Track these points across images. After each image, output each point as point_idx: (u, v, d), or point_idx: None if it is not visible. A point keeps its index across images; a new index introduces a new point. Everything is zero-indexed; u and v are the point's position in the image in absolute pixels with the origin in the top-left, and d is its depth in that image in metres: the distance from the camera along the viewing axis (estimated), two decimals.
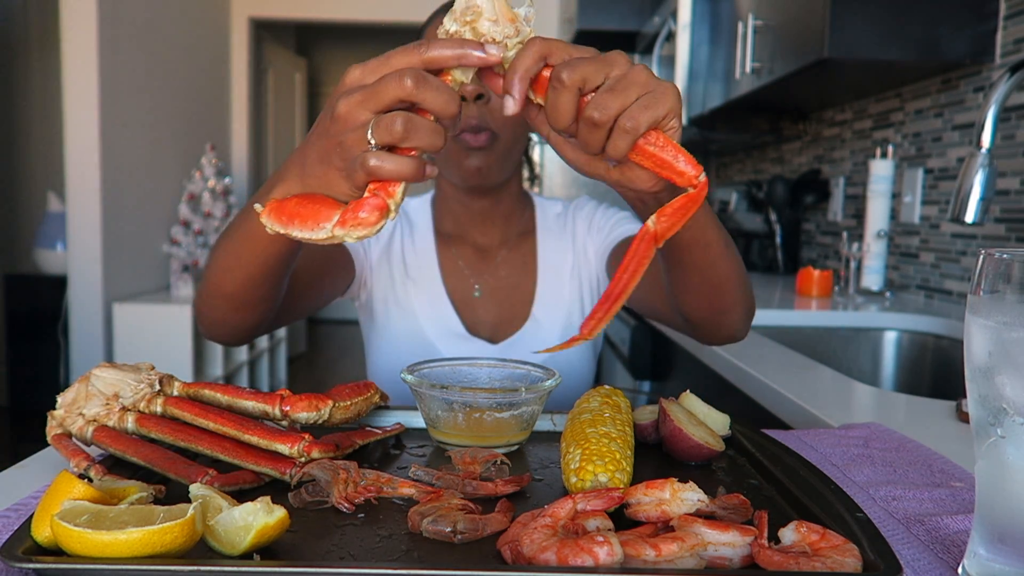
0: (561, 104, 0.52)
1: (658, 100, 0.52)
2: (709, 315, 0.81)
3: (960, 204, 1.13)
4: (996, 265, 0.44)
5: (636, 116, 0.51)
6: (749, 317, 0.86)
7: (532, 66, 0.52)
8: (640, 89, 0.52)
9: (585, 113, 0.52)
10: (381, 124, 0.51)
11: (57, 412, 0.63)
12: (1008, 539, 0.44)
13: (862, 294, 1.96)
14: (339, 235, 0.51)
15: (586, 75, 0.51)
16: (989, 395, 0.44)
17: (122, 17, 3.45)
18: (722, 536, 0.45)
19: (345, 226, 0.51)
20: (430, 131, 0.51)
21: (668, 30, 2.85)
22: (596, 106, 0.51)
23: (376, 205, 0.51)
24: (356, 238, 0.51)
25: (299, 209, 0.53)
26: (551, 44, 0.53)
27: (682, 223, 0.52)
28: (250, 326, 0.83)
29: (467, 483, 0.57)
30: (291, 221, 0.53)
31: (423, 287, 1.12)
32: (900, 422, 0.87)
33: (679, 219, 0.52)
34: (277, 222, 0.54)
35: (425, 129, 0.51)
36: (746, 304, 0.83)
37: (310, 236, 0.52)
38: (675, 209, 0.52)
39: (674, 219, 0.52)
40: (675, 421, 0.65)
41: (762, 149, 3.12)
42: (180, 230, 3.74)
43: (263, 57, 5.12)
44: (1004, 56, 1.65)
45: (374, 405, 0.72)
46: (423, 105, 0.51)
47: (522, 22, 0.53)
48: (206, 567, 0.41)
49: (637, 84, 0.52)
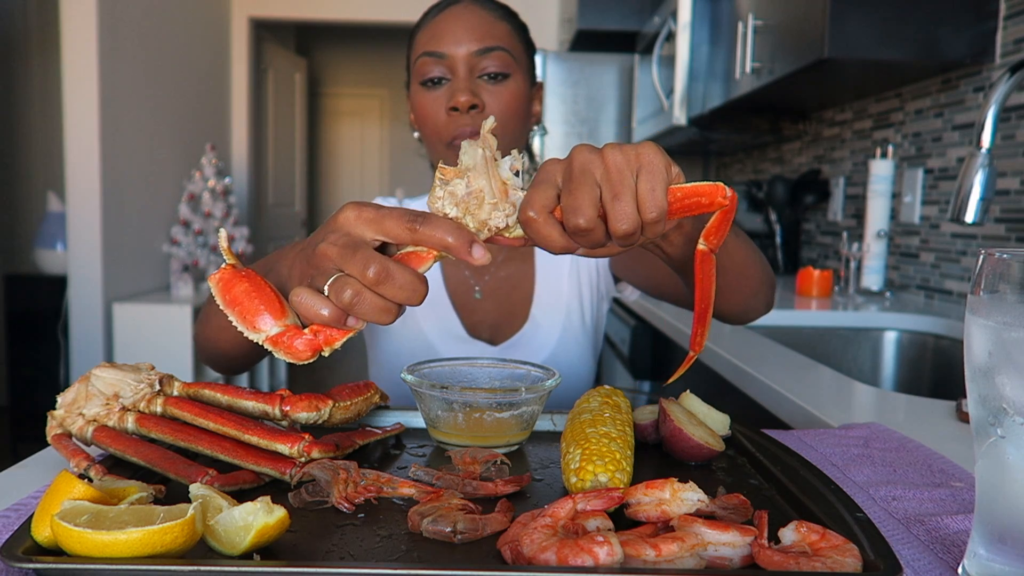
0: (595, 240, 0.53)
1: (653, 170, 0.52)
2: (738, 310, 0.87)
3: (960, 204, 1.13)
4: (996, 265, 0.44)
5: (654, 204, 0.52)
6: (771, 299, 0.91)
7: (557, 236, 0.52)
8: (631, 172, 0.52)
9: (616, 232, 0.52)
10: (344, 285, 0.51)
11: (57, 412, 0.63)
12: (1008, 539, 0.44)
13: (862, 294, 1.96)
14: (266, 347, 0.52)
15: (588, 202, 0.51)
16: (989, 395, 0.44)
17: (122, 17, 3.45)
18: (722, 536, 0.45)
19: (276, 346, 0.52)
20: (379, 309, 0.51)
21: (668, 30, 2.85)
22: (618, 221, 0.52)
23: (312, 344, 0.52)
24: (280, 357, 0.52)
25: (244, 299, 0.53)
26: (539, 197, 0.52)
27: (725, 235, 0.56)
28: (248, 367, 0.90)
29: (467, 483, 0.57)
30: (232, 305, 0.53)
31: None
32: (900, 422, 0.87)
33: (722, 233, 0.56)
34: (220, 296, 0.53)
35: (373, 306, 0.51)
36: (768, 292, 0.88)
37: (241, 329, 0.52)
38: (716, 226, 0.56)
39: (719, 234, 0.56)
40: (675, 421, 0.65)
41: (762, 149, 3.12)
42: (180, 230, 3.74)
43: (263, 57, 5.12)
44: (1004, 56, 1.64)
45: (374, 405, 0.72)
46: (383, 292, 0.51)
47: (514, 188, 0.53)
48: (206, 567, 0.41)
49: (625, 170, 0.52)
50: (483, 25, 1.01)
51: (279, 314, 0.52)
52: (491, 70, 1.01)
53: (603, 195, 0.52)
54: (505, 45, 1.02)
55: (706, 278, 0.58)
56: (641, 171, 0.52)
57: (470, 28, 1.00)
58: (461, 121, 1.00)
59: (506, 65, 1.01)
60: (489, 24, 1.02)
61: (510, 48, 1.02)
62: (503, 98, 1.01)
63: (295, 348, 0.51)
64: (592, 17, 3.57)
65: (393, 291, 0.50)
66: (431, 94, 1.02)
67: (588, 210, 0.51)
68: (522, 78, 1.04)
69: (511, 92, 1.02)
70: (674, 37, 2.78)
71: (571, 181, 0.52)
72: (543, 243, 0.53)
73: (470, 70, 1.00)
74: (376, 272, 0.49)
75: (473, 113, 1.00)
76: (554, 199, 0.52)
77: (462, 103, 0.98)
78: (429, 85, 1.02)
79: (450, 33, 1.00)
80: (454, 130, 1.00)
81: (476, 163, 0.53)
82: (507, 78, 1.02)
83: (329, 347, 0.52)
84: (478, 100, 0.99)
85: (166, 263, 3.90)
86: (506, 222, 0.53)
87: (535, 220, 0.52)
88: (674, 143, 3.24)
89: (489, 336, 1.11)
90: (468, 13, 1.01)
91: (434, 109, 1.02)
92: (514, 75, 1.03)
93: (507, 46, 1.02)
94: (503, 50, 1.01)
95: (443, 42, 1.00)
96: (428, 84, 1.02)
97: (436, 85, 1.02)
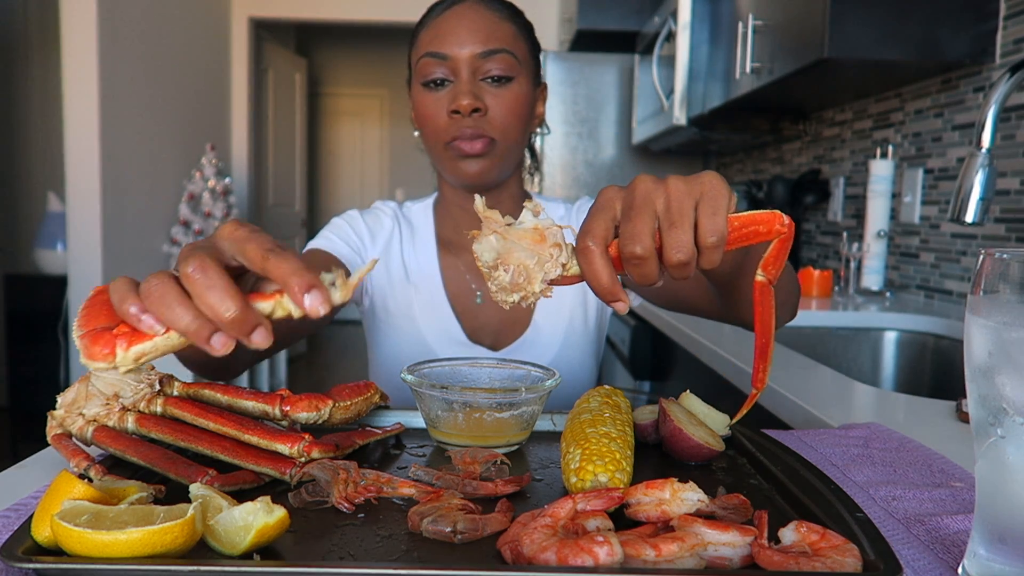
0: (649, 273, 0.51)
1: (715, 196, 0.51)
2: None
3: (960, 204, 1.13)
4: (996, 265, 0.44)
5: (713, 229, 0.51)
6: (796, 308, 0.92)
7: (608, 271, 0.51)
8: (691, 201, 0.51)
9: (669, 261, 0.51)
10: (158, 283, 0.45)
11: (57, 412, 0.63)
12: (1008, 539, 0.44)
13: (862, 294, 1.96)
14: (82, 357, 0.46)
15: (647, 231, 0.50)
16: (989, 395, 0.44)
17: (122, 17, 3.45)
18: (722, 536, 0.45)
19: (81, 348, 0.46)
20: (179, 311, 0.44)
21: (668, 30, 2.85)
22: (673, 249, 0.50)
23: (108, 347, 0.45)
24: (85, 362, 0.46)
25: (91, 305, 0.48)
26: (598, 226, 0.51)
27: (783, 264, 0.56)
28: (236, 373, 0.87)
29: (467, 483, 0.57)
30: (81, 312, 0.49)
31: (424, 293, 1.10)
32: (900, 422, 0.87)
33: (780, 263, 0.56)
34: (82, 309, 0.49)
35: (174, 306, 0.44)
36: (795, 301, 0.89)
37: (73, 332, 0.48)
38: (774, 256, 0.56)
39: (777, 264, 0.56)
40: (675, 421, 0.65)
41: (762, 149, 3.12)
42: (180, 230, 3.74)
43: (263, 57, 5.12)
44: (1004, 56, 1.65)
45: (374, 405, 0.72)
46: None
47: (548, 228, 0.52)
48: (206, 567, 0.41)
49: (686, 200, 0.51)
50: (487, 26, 0.99)
51: (108, 319, 0.47)
52: (495, 73, 0.99)
53: (661, 224, 0.51)
54: (509, 47, 1.00)
55: (766, 311, 0.57)
56: (703, 198, 0.52)
57: (474, 29, 0.99)
58: (463, 123, 0.98)
59: (510, 68, 1.00)
60: (493, 25, 1.00)
61: (514, 50, 1.01)
62: (506, 101, 1.00)
63: (91, 350, 0.45)
64: (592, 17, 3.58)
65: (197, 297, 0.43)
66: (433, 95, 1.00)
67: (645, 239, 0.50)
68: (526, 80, 1.03)
69: (514, 95, 1.01)
70: (674, 37, 2.78)
71: (631, 209, 0.51)
72: (593, 275, 0.51)
73: (473, 72, 0.99)
74: (194, 269, 0.44)
75: (476, 116, 0.98)
76: (612, 228, 0.52)
77: (464, 106, 0.97)
78: (431, 86, 1.00)
79: (453, 34, 0.99)
80: (455, 132, 0.99)
81: (498, 250, 0.51)
82: (511, 81, 1.00)
83: (123, 353, 0.45)
84: (481, 103, 0.98)
85: (166, 263, 3.90)
86: (560, 266, 0.52)
87: (592, 251, 0.50)
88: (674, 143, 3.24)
89: (491, 342, 1.10)
90: (472, 13, 1.00)
91: (435, 110, 1.00)
92: (518, 78, 1.01)
93: (511, 48, 1.00)
94: (507, 52, 1.00)
95: (446, 43, 0.99)
96: (430, 85, 1.00)
97: (438, 87, 1.00)
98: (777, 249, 0.55)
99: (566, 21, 4.07)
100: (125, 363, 0.45)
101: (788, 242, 0.55)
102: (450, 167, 1.02)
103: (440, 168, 1.06)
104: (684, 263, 0.51)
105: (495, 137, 1.00)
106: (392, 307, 1.11)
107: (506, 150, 1.02)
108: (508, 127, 1.01)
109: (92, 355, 0.45)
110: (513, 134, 1.02)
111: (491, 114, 0.99)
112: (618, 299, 0.52)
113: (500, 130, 1.00)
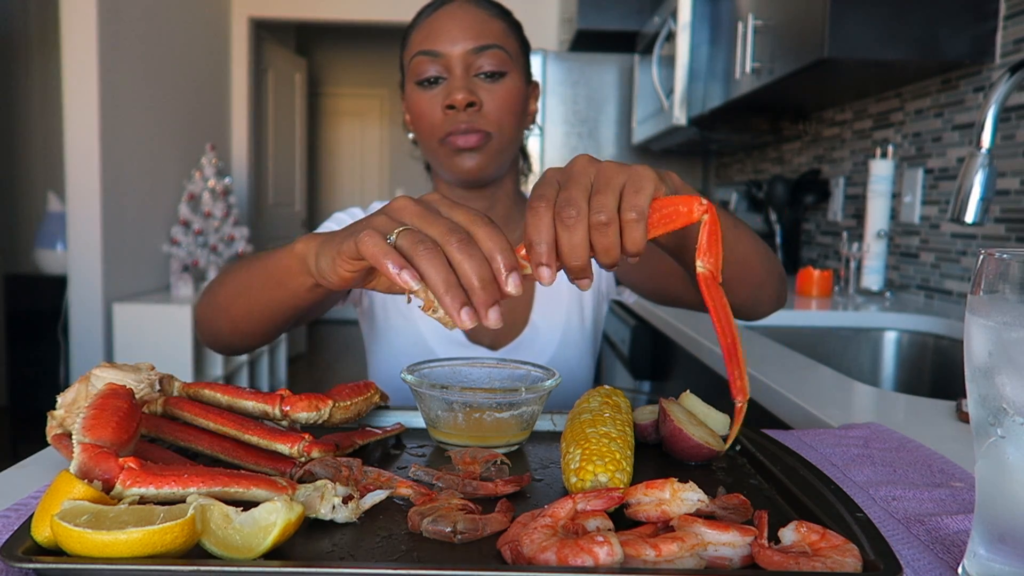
0: (580, 242, 0.55)
1: (641, 181, 0.56)
2: (745, 304, 0.87)
3: (960, 204, 1.13)
4: (996, 265, 0.44)
5: (634, 204, 0.55)
6: (782, 292, 0.91)
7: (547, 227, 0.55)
8: (619, 179, 0.56)
9: (592, 223, 0.54)
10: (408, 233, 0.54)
11: (57, 412, 0.63)
12: (1008, 539, 0.44)
13: (862, 294, 1.96)
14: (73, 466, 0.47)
15: (580, 196, 0.55)
16: (989, 395, 0.44)
17: (122, 17, 3.45)
18: (722, 536, 0.45)
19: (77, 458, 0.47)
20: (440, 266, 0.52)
21: (668, 30, 2.85)
22: (596, 211, 0.54)
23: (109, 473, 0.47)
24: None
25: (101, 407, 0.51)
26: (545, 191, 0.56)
27: (721, 248, 0.56)
28: (250, 347, 0.88)
29: (467, 483, 0.57)
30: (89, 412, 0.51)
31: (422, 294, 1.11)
32: (900, 422, 0.87)
33: (716, 247, 0.55)
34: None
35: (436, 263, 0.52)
36: (777, 284, 0.89)
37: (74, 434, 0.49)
38: (708, 243, 0.55)
39: (713, 251, 0.55)
40: (675, 421, 0.65)
41: (762, 149, 3.12)
42: (180, 230, 3.74)
43: (263, 57, 5.13)
44: (1004, 56, 1.65)
45: (374, 405, 0.72)
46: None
47: None
48: (206, 567, 0.41)
49: (617, 176, 0.56)
50: (478, 23, 1.00)
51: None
52: (487, 68, 1.00)
53: (591, 193, 0.56)
54: (501, 43, 1.01)
55: (719, 305, 0.55)
56: (630, 179, 0.56)
57: (465, 27, 0.99)
58: (458, 119, 0.98)
59: (502, 63, 1.00)
60: (484, 22, 1.01)
61: (506, 46, 1.01)
62: (500, 96, 1.00)
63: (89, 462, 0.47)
64: (592, 17, 3.57)
65: (472, 262, 0.52)
66: (427, 93, 1.01)
67: (580, 203, 0.54)
68: (518, 76, 1.03)
69: (508, 90, 1.01)
70: (674, 37, 2.78)
71: (568, 180, 0.57)
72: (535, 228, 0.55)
73: (466, 68, 0.99)
74: (460, 237, 0.52)
75: (470, 111, 0.98)
76: (555, 195, 0.56)
77: (459, 101, 0.97)
78: (425, 85, 1.01)
79: (445, 32, 0.99)
80: (450, 127, 0.99)
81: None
82: (504, 76, 1.01)
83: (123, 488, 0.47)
84: (475, 98, 0.98)
85: (166, 263, 3.90)
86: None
87: (538, 207, 0.55)
88: (674, 143, 3.24)
89: (489, 342, 1.10)
90: (463, 12, 1.00)
91: (430, 108, 1.00)
92: (511, 73, 1.02)
93: (503, 44, 1.01)
94: (499, 48, 1.00)
95: (438, 41, 0.99)
96: (424, 84, 1.01)
97: (432, 84, 1.00)
98: (708, 234, 0.55)
99: (566, 21, 4.07)
100: (116, 496, 0.47)
101: (715, 225, 0.55)
102: (446, 163, 1.03)
103: (436, 166, 1.07)
104: (604, 223, 0.54)
105: (490, 131, 1.00)
106: (391, 308, 1.12)
107: (501, 145, 1.02)
108: (503, 121, 1.01)
109: (87, 474, 0.47)
110: (508, 129, 1.02)
111: (485, 109, 0.99)
112: (541, 263, 0.55)
113: (495, 124, 1.00)
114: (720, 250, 0.55)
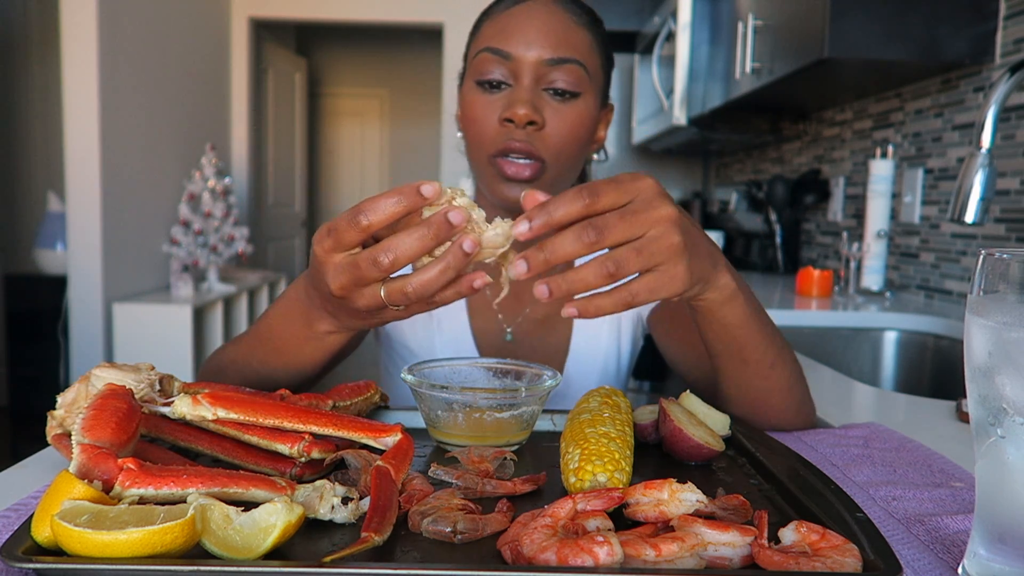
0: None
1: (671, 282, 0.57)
2: (749, 415, 0.78)
3: (960, 204, 1.13)
4: (996, 265, 0.44)
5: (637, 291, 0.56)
6: (801, 418, 0.79)
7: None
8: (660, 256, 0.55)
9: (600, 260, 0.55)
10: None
11: (57, 412, 0.63)
12: (1008, 539, 0.44)
13: (862, 294, 1.96)
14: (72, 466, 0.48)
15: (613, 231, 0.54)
16: (989, 395, 0.44)
17: (122, 17, 3.45)
18: (722, 536, 0.45)
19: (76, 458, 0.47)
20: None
21: (668, 30, 2.85)
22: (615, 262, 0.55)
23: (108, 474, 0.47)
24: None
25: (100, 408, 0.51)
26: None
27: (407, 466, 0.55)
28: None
29: (487, 483, 0.57)
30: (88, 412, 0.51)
31: (448, 331, 0.99)
32: (900, 422, 0.87)
33: (402, 462, 0.55)
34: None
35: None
36: (796, 411, 0.78)
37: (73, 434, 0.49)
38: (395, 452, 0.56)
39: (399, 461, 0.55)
40: (675, 421, 0.65)
41: (762, 149, 3.12)
42: (180, 230, 3.74)
43: (263, 57, 5.13)
44: (1004, 56, 1.65)
45: (374, 405, 0.72)
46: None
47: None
48: (206, 567, 0.41)
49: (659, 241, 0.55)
50: (561, 30, 0.87)
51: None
52: (559, 85, 0.87)
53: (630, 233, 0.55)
54: (581, 58, 0.88)
55: (382, 494, 0.50)
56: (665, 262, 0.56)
57: (545, 31, 0.86)
58: (514, 135, 0.86)
59: (578, 82, 0.88)
60: (568, 30, 0.88)
61: (586, 62, 0.89)
62: (567, 119, 0.88)
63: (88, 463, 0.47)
64: None
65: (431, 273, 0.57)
66: (485, 97, 0.89)
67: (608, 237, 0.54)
68: (593, 98, 0.91)
69: (577, 113, 0.88)
70: (674, 37, 2.78)
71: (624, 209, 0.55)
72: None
73: (536, 80, 0.87)
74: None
75: (530, 129, 0.86)
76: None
77: (520, 116, 0.85)
78: (486, 87, 0.89)
79: (520, 32, 0.87)
80: (503, 144, 0.87)
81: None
82: (576, 97, 0.88)
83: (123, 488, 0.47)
84: (538, 116, 0.86)
85: (166, 263, 3.90)
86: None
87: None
88: (674, 143, 3.24)
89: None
90: (546, 13, 0.87)
91: (486, 114, 0.88)
92: (585, 94, 0.89)
93: (584, 59, 0.88)
94: (578, 64, 0.87)
95: (511, 40, 0.87)
96: (485, 86, 0.89)
97: (494, 88, 0.88)
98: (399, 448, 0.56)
99: None
100: (115, 496, 0.47)
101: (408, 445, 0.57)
102: (492, 186, 0.90)
103: (479, 183, 0.95)
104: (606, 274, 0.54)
105: (546, 159, 0.88)
106: (413, 345, 1.01)
107: (556, 176, 0.90)
108: (563, 149, 0.89)
109: (86, 474, 0.47)
110: (567, 159, 0.90)
111: (547, 130, 0.87)
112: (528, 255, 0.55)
113: (554, 151, 0.88)
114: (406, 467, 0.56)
